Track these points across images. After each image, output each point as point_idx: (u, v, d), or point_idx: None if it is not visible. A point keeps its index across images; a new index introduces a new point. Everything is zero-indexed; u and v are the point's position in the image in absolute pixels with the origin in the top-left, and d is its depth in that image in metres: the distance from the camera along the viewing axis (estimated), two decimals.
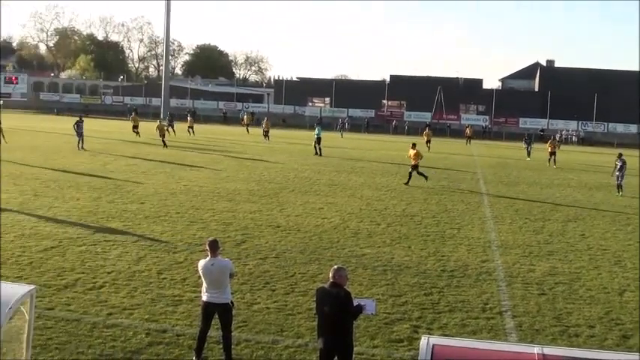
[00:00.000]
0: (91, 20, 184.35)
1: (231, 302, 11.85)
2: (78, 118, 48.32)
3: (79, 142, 46.23)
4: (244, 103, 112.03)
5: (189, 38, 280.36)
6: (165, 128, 55.32)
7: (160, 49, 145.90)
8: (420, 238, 22.47)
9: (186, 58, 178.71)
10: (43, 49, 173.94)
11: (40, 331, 12.35)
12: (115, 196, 27.83)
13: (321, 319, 10.20)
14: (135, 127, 59.92)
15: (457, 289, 16.68)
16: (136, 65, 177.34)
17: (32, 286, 9.41)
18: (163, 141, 51.31)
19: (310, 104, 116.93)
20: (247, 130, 74.93)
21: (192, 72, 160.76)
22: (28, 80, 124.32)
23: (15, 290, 9.10)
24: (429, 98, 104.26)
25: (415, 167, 35.37)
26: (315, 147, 50.61)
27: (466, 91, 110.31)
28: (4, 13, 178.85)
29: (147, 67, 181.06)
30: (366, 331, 13.43)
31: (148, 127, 61.73)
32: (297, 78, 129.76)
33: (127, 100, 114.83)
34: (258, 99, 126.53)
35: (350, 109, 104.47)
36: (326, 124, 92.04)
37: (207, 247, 11.81)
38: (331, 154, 51.12)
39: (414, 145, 35.87)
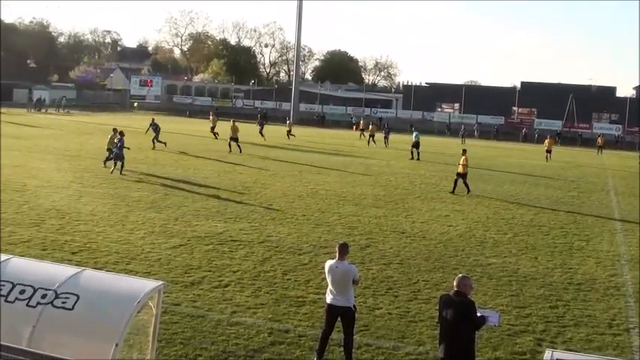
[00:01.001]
0: (224, 25, 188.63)
1: (354, 306, 11.83)
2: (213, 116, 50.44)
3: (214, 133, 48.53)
4: (372, 109, 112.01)
5: (319, 44, 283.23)
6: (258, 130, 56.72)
7: (291, 55, 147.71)
8: (547, 249, 21.90)
9: (317, 63, 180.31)
10: (177, 53, 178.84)
11: (166, 325, 12.66)
12: (243, 197, 28.30)
13: (444, 328, 10.05)
14: (212, 128, 58.62)
15: (583, 303, 16.17)
16: (267, 70, 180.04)
17: (160, 282, 9.64)
18: (229, 144, 47.88)
19: (439, 110, 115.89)
20: (361, 136, 73.44)
21: (322, 77, 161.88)
22: (162, 83, 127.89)
23: (144, 285, 9.36)
24: (560, 106, 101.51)
25: (462, 176, 33.25)
26: (411, 151, 50.43)
27: (599, 99, 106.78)
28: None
29: (278, 72, 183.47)
30: (488, 342, 13.19)
31: (276, 130, 62.61)
32: (427, 83, 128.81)
33: (258, 103, 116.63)
34: (386, 104, 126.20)
35: (479, 116, 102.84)
36: (454, 130, 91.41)
37: (337, 249, 11.86)
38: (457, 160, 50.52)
39: (464, 152, 34.37)
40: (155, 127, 47.56)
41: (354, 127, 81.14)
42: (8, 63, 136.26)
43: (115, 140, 34.16)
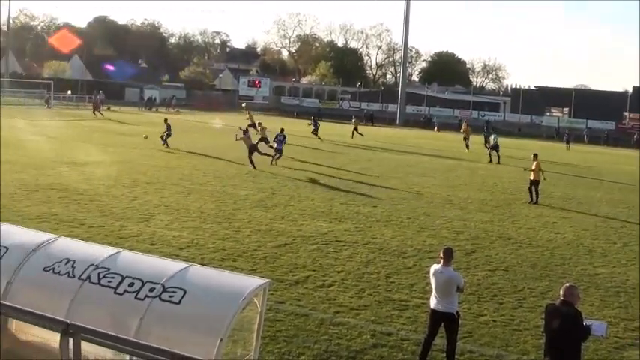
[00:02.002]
0: (331, 27, 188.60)
1: (457, 313, 11.67)
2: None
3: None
4: (480, 112, 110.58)
5: (427, 45, 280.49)
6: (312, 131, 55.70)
7: (398, 56, 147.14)
8: None
9: (424, 65, 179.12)
10: (285, 54, 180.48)
11: (270, 322, 12.74)
12: (348, 198, 28.32)
13: (549, 338, 9.80)
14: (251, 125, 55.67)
15: None
16: (374, 72, 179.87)
17: (266, 280, 9.70)
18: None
19: (547, 114, 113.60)
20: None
21: (429, 79, 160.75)
22: (270, 84, 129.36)
23: (249, 282, 9.43)
24: None
25: (535, 183, 30.68)
26: (489, 154, 48.70)
27: None
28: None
29: (384, 74, 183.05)
30: (594, 354, 12.84)
31: (381, 132, 62.41)
32: (535, 86, 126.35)
33: (364, 105, 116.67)
34: (494, 107, 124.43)
35: (589, 121, 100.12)
36: (562, 135, 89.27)
37: (442, 254, 11.76)
38: (563, 170, 49.46)
39: (535, 157, 31.53)
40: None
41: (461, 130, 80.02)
42: (121, 63, 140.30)
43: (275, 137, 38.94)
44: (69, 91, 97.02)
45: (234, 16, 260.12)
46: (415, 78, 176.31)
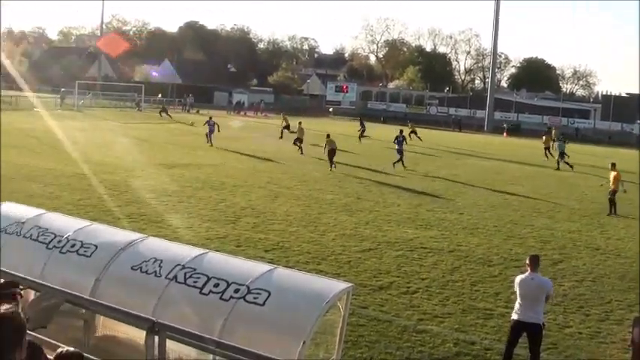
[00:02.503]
0: (420, 32, 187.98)
1: (543, 324, 11.46)
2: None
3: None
4: (569, 119, 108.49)
5: (516, 51, 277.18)
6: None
7: (487, 62, 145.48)
8: None
9: (513, 70, 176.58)
10: (372, 60, 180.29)
11: (353, 327, 12.73)
12: (434, 204, 28.13)
13: (636, 352, 9.55)
14: (286, 127, 57.13)
15: None
16: (462, 77, 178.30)
17: (349, 284, 9.69)
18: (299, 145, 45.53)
19: (639, 122, 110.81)
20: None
21: (518, 85, 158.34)
22: (357, 89, 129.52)
23: (333, 286, 9.43)
24: None
25: (613, 193, 29.27)
26: (557, 161, 47.13)
27: None
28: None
29: (473, 79, 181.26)
30: None
31: (471, 138, 61.81)
32: (627, 93, 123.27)
33: (452, 111, 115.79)
34: (584, 114, 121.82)
35: None
36: None
37: (528, 262, 11.57)
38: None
39: (613, 166, 30.19)
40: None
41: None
42: (210, 67, 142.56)
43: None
44: (159, 95, 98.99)
45: (323, 22, 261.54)
46: (504, 84, 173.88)
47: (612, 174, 29.67)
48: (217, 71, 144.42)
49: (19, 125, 50.53)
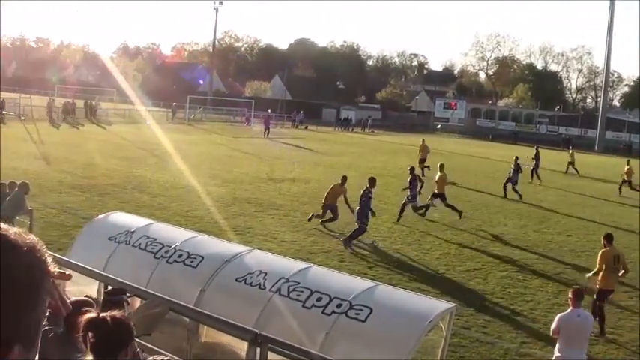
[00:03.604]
0: (530, 49, 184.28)
1: None
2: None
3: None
4: None
5: (629, 69, 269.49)
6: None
7: (599, 80, 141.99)
8: None
9: (625, 89, 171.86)
10: (482, 76, 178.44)
11: (454, 348, 12.61)
12: (541, 225, 27.61)
13: None
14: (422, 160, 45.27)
15: None
16: (573, 95, 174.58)
17: (452, 304, 9.65)
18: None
19: None
20: None
21: (631, 104, 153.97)
22: (466, 106, 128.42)
23: (436, 306, 9.39)
24: None
25: None
26: None
27: None
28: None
29: (584, 98, 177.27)
30: None
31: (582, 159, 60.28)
32: None
33: (562, 130, 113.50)
34: None
35: None
36: None
37: (571, 296, 10.93)
38: None
39: None
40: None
41: None
42: (319, 83, 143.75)
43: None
44: (269, 110, 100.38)
45: (433, 38, 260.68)
46: (616, 103, 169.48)
47: None
48: (326, 87, 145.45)
49: (130, 137, 52.10)
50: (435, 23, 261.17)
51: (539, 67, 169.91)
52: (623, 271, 15.21)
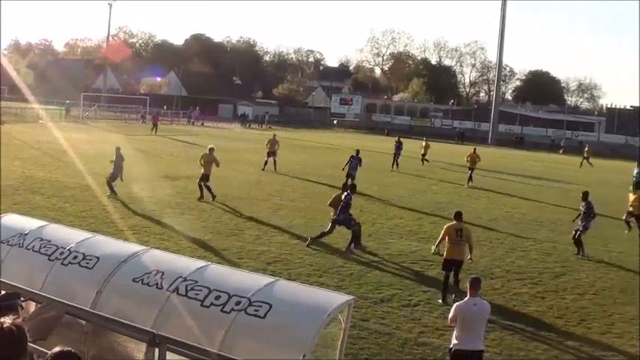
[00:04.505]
0: (425, 45, 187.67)
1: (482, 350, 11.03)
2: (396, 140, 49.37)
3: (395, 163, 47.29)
4: (574, 132, 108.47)
5: (521, 64, 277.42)
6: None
7: (492, 74, 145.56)
8: None
9: (517, 83, 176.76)
10: (377, 72, 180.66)
11: (354, 340, 12.75)
12: (436, 217, 28.13)
13: None
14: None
15: None
16: (467, 90, 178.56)
17: (351, 297, 9.74)
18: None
19: None
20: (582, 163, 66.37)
21: (523, 98, 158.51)
22: (362, 102, 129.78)
23: (334, 299, 9.48)
24: None
25: (632, 215, 28.24)
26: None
27: None
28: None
29: (477, 92, 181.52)
30: None
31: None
32: (631, 106, 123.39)
33: (456, 123, 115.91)
34: (588, 127, 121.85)
35: None
36: None
37: (469, 286, 11.05)
38: None
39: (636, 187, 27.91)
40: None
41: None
42: (215, 79, 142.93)
43: None
44: (164, 107, 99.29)
45: (328, 35, 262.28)
46: (508, 96, 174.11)
47: (632, 196, 28.96)
48: (222, 83, 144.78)
49: (23, 137, 50.69)
50: (330, 20, 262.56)
51: (433, 62, 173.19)
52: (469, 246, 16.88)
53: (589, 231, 23.58)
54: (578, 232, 23.07)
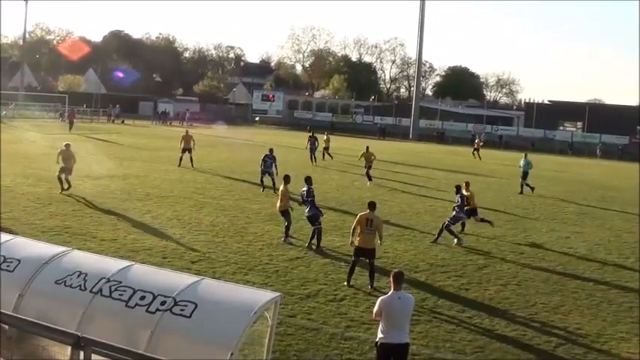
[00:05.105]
0: (345, 42, 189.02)
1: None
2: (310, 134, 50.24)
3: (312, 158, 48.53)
4: (493, 126, 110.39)
5: (441, 60, 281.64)
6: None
7: (412, 70, 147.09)
8: None
9: (437, 79, 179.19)
10: (299, 69, 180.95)
11: (281, 337, 12.75)
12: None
13: None
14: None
15: None
16: (388, 86, 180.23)
17: (277, 294, 9.72)
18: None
19: (561, 128, 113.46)
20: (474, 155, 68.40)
21: (443, 93, 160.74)
22: (283, 98, 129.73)
23: (261, 296, 9.46)
24: None
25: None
26: (521, 185, 39.68)
27: None
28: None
29: (398, 88, 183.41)
30: None
31: (396, 146, 62.37)
32: (549, 101, 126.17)
33: (377, 119, 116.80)
34: (507, 122, 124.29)
35: (603, 135, 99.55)
36: (576, 150, 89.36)
37: (392, 279, 10.99)
38: (581, 181, 49.43)
39: (467, 185, 25.96)
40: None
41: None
42: (135, 77, 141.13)
43: None
44: (84, 105, 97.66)
45: (249, 31, 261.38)
46: (429, 92, 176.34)
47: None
48: (142, 81, 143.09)
49: None
50: (250, 16, 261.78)
51: (354, 58, 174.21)
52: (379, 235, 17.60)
53: (460, 222, 24.50)
54: (447, 222, 23.58)
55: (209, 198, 29.45)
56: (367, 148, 41.33)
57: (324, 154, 50.78)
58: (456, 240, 23.22)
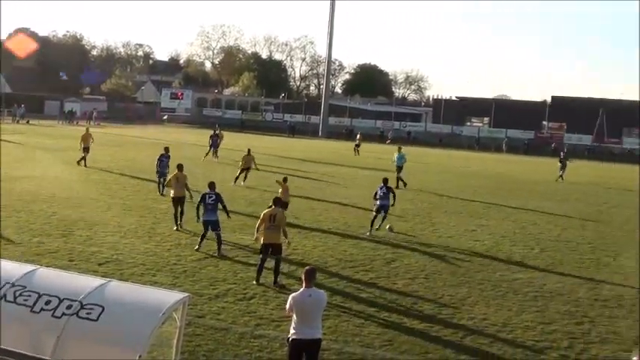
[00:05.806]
0: (255, 39, 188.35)
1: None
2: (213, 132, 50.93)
3: (214, 153, 49.87)
4: (401, 122, 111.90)
5: (350, 57, 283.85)
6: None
7: (322, 68, 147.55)
8: (574, 264, 21.83)
9: (347, 76, 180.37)
10: (208, 66, 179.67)
11: (190, 337, 12.75)
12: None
13: None
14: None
15: (609, 320, 16.10)
16: (298, 83, 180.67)
17: (185, 294, 9.73)
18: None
19: (468, 124, 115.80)
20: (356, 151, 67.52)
21: (352, 91, 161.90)
22: (192, 96, 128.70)
23: (169, 297, 9.44)
24: (591, 120, 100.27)
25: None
26: (397, 179, 39.75)
27: (629, 113, 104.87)
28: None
29: (308, 86, 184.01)
30: (512, 358, 13.21)
31: (306, 143, 62.59)
32: (456, 97, 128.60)
33: (287, 117, 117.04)
34: (416, 118, 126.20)
35: (509, 130, 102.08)
36: (483, 145, 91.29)
37: (304, 277, 11.05)
38: (487, 176, 50.49)
39: (284, 180, 26.60)
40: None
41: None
42: (41, 75, 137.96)
43: None
44: None
45: (158, 29, 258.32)
46: (338, 90, 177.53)
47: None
48: (48, 79, 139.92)
49: None
50: (159, 13, 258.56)
51: (264, 56, 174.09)
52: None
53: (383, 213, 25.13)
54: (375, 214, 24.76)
55: (116, 198, 29.11)
56: (249, 150, 39.25)
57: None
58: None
